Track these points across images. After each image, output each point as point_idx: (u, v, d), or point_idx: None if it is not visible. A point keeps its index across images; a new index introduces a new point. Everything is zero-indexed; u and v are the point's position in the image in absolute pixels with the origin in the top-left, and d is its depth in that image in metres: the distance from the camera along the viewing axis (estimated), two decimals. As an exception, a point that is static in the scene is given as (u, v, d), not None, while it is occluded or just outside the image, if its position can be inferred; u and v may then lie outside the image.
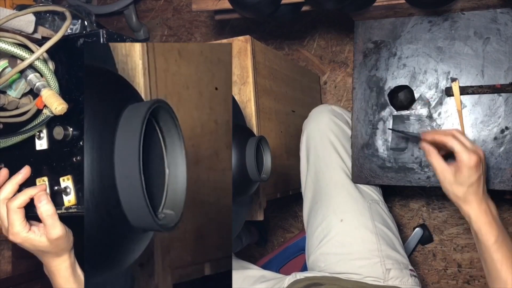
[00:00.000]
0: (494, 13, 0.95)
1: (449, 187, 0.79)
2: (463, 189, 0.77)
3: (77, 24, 1.32)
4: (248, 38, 1.08)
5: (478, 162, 0.76)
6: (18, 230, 0.63)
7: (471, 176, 0.76)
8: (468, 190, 0.77)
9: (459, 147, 0.77)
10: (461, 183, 0.77)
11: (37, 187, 0.63)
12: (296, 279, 0.97)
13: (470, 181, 0.76)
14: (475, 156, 0.76)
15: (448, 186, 0.80)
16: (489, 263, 0.76)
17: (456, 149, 0.77)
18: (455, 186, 0.78)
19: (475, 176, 0.76)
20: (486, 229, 0.76)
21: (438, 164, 0.80)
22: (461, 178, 0.77)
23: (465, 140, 0.79)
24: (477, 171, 0.76)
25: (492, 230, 0.75)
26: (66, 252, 0.66)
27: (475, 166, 0.76)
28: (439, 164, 0.80)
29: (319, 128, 1.10)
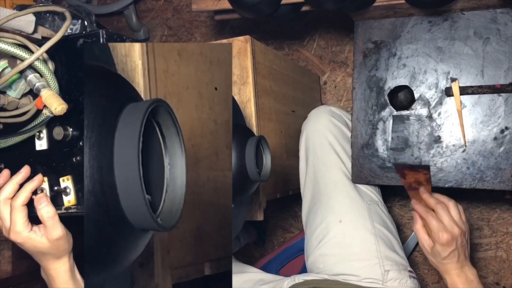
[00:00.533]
0: (494, 13, 0.95)
1: (427, 255, 0.88)
2: (438, 260, 0.86)
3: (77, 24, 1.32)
4: (248, 38, 1.08)
5: (450, 240, 0.83)
6: (20, 229, 0.63)
7: (444, 251, 0.84)
8: (442, 261, 0.85)
9: (435, 225, 0.84)
10: (434, 255, 0.86)
11: (35, 179, 0.63)
12: (295, 282, 0.97)
13: (443, 255, 0.84)
14: (447, 235, 0.83)
15: (426, 254, 0.88)
16: None
17: (431, 227, 0.85)
18: (431, 256, 0.87)
19: (447, 251, 0.84)
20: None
21: (419, 234, 0.88)
22: (435, 251, 0.85)
23: (445, 216, 0.85)
24: (449, 247, 0.83)
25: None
26: (65, 254, 0.66)
27: (446, 244, 0.83)
28: (420, 234, 0.87)
29: (318, 129, 1.10)
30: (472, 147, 0.96)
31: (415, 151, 1.00)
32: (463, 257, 0.85)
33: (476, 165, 0.96)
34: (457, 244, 0.84)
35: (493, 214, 1.46)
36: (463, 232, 0.85)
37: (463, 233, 0.85)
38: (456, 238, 0.84)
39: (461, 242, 0.84)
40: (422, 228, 0.88)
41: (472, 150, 0.96)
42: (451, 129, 0.98)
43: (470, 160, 0.96)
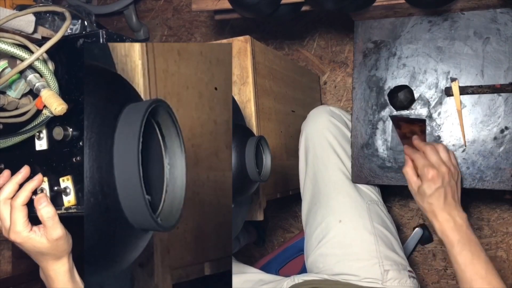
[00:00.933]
0: (494, 13, 0.95)
1: (414, 197, 0.88)
2: (424, 200, 0.84)
3: (77, 24, 1.32)
4: (248, 38, 1.08)
5: (435, 176, 0.83)
6: (20, 229, 0.63)
7: (429, 188, 0.83)
8: (428, 201, 0.83)
9: (420, 162, 0.85)
10: (421, 194, 0.85)
11: (35, 178, 0.64)
12: (295, 283, 0.97)
13: (428, 193, 0.83)
14: (433, 170, 0.83)
15: (414, 196, 0.88)
16: (456, 268, 0.81)
17: (417, 164, 0.86)
18: (418, 197, 0.86)
19: (432, 188, 0.83)
20: (447, 235, 0.81)
21: (408, 175, 0.88)
22: (421, 189, 0.84)
23: (433, 155, 0.85)
24: (434, 184, 0.83)
25: (454, 235, 0.81)
26: (65, 255, 0.66)
27: (431, 180, 0.83)
28: (409, 175, 0.88)
29: (317, 129, 1.10)
30: (472, 147, 0.96)
31: (415, 151, 1.00)
32: (451, 200, 0.83)
33: (476, 165, 0.96)
34: (443, 182, 0.83)
35: (493, 214, 1.46)
36: (451, 172, 0.84)
37: (451, 173, 0.84)
38: (442, 176, 0.83)
39: (448, 181, 0.83)
40: (411, 169, 0.87)
41: (472, 150, 0.96)
42: (451, 129, 0.98)
43: (470, 160, 0.96)
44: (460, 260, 0.79)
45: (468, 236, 0.81)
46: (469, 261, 0.78)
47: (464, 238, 0.80)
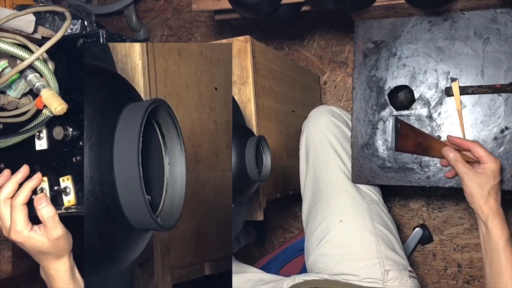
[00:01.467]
0: (494, 13, 0.95)
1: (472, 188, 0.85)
2: (485, 190, 0.84)
3: (77, 24, 1.32)
4: (248, 38, 1.08)
5: (500, 167, 0.85)
6: (21, 229, 0.63)
7: (495, 178, 0.84)
8: (490, 192, 0.84)
9: (485, 152, 0.86)
10: (483, 184, 0.84)
11: (34, 177, 0.64)
12: (295, 282, 0.97)
13: (492, 184, 0.84)
14: (499, 161, 0.85)
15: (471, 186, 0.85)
16: (495, 261, 0.81)
17: (481, 153, 0.85)
18: (478, 187, 0.84)
19: (497, 179, 0.84)
20: (500, 229, 0.82)
21: (463, 168, 0.86)
22: (485, 179, 0.84)
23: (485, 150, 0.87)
24: (499, 176, 0.85)
25: (505, 231, 0.82)
26: (66, 254, 0.66)
27: (498, 170, 0.85)
28: (465, 166, 0.87)
29: (318, 129, 1.10)
30: (472, 147, 0.96)
31: (415, 151, 1.00)
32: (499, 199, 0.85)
33: (476, 165, 0.96)
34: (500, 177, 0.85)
35: (493, 214, 1.46)
36: None
37: None
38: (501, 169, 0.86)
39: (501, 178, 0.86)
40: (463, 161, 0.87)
41: (472, 150, 0.96)
42: (451, 129, 0.98)
43: (470, 160, 0.96)
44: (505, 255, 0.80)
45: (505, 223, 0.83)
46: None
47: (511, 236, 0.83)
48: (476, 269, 1.48)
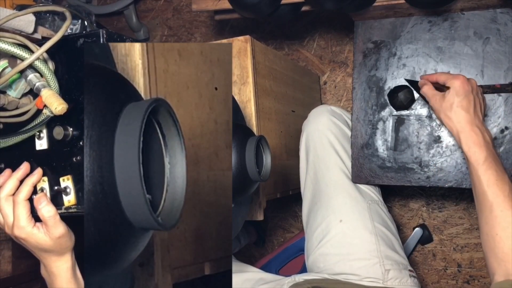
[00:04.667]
0: (494, 13, 0.95)
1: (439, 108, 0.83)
2: (453, 108, 0.80)
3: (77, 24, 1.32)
4: (248, 38, 1.08)
5: (464, 80, 0.80)
6: (24, 224, 0.63)
7: (459, 92, 0.80)
8: (458, 106, 0.80)
9: (444, 75, 0.85)
10: (449, 101, 0.81)
11: (35, 173, 0.64)
12: (296, 282, 0.97)
13: (459, 97, 0.80)
14: (461, 76, 0.81)
15: (439, 108, 0.83)
16: (477, 185, 0.76)
17: (443, 77, 0.84)
18: (444, 105, 0.81)
19: (461, 92, 0.80)
20: (475, 149, 0.76)
21: (430, 92, 0.86)
22: (448, 97, 0.81)
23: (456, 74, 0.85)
24: (463, 88, 0.80)
25: (482, 151, 0.76)
26: (68, 252, 0.66)
27: (461, 84, 0.80)
28: (431, 92, 0.86)
29: (318, 129, 1.10)
30: (472, 147, 0.96)
31: (415, 151, 1.00)
32: (479, 113, 0.80)
33: (476, 165, 0.95)
34: (472, 90, 0.80)
35: (493, 214, 1.46)
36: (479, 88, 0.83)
37: (479, 89, 0.83)
38: (471, 83, 0.81)
39: (476, 91, 0.81)
40: (431, 87, 0.86)
41: (472, 150, 0.96)
42: (451, 129, 0.98)
43: (470, 160, 0.96)
44: (485, 179, 0.74)
45: (494, 155, 0.76)
46: (493, 180, 0.74)
47: (491, 156, 0.76)
48: (476, 269, 1.48)
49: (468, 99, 0.80)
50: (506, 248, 0.70)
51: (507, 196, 0.72)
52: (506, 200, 0.72)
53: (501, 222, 0.71)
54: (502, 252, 0.70)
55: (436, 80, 0.88)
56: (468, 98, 0.80)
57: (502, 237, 0.71)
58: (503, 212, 0.71)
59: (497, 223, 0.71)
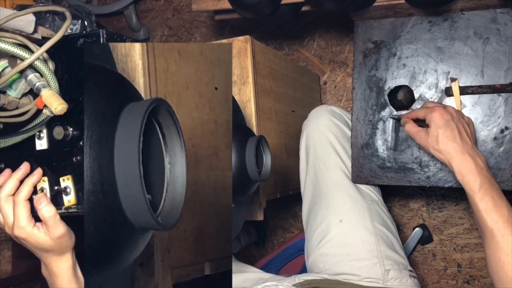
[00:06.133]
0: (494, 13, 0.95)
1: (427, 144, 0.83)
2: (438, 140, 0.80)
3: (77, 24, 1.32)
4: (248, 38, 1.08)
5: (441, 111, 0.81)
6: (24, 224, 0.63)
7: (440, 124, 0.80)
8: (443, 137, 0.79)
9: (423, 109, 0.85)
10: (433, 135, 0.81)
11: (35, 173, 0.64)
12: (296, 282, 0.97)
13: (441, 129, 0.80)
14: (437, 108, 0.81)
15: (426, 144, 0.83)
16: (476, 212, 0.75)
17: (420, 115, 0.85)
18: (430, 141, 0.81)
19: (442, 123, 0.80)
20: (468, 178, 0.76)
21: (412, 130, 0.86)
22: (431, 131, 0.81)
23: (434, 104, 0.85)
24: (443, 117, 0.80)
25: (475, 179, 0.75)
26: (68, 251, 0.66)
27: (439, 115, 0.80)
28: (413, 129, 0.86)
29: (318, 129, 1.10)
30: (472, 147, 0.96)
31: (415, 151, 1.00)
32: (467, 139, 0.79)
33: (476, 165, 0.96)
34: (453, 118, 0.80)
35: (493, 214, 1.46)
36: (458, 112, 0.82)
37: (459, 113, 0.82)
38: (449, 112, 0.80)
39: (457, 118, 0.80)
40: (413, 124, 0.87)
41: (472, 150, 0.96)
42: (451, 129, 0.98)
43: (470, 160, 0.96)
44: (482, 206, 0.73)
45: (490, 180, 0.75)
46: (491, 207, 0.73)
47: (486, 183, 0.75)
48: (476, 269, 1.48)
49: (451, 128, 0.79)
50: (510, 272, 0.71)
51: (507, 221, 0.72)
52: (506, 225, 0.72)
53: (503, 248, 0.71)
54: (506, 276, 0.71)
55: (416, 117, 0.88)
56: (450, 127, 0.79)
57: (505, 261, 0.71)
58: (504, 237, 0.71)
59: (499, 248, 0.72)
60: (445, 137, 0.79)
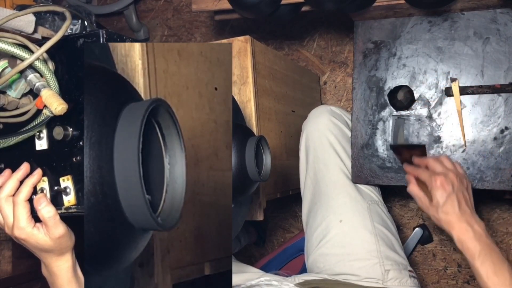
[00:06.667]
0: (494, 13, 0.95)
1: (428, 211, 0.85)
2: (439, 210, 0.81)
3: (77, 24, 1.32)
4: (248, 38, 1.08)
5: (443, 181, 0.81)
6: (24, 225, 0.63)
7: (441, 197, 0.81)
8: (443, 209, 0.81)
9: (426, 174, 0.84)
10: (435, 205, 0.82)
11: (35, 173, 0.64)
12: (296, 282, 0.97)
13: (442, 201, 0.81)
14: (439, 177, 0.81)
15: (427, 211, 0.85)
16: (478, 279, 0.77)
17: (422, 178, 0.85)
18: (431, 209, 0.83)
19: (444, 196, 0.81)
20: (467, 245, 0.78)
21: (415, 192, 0.86)
22: (434, 201, 0.82)
23: (437, 165, 0.84)
24: (445, 190, 0.81)
25: (475, 246, 0.77)
26: (68, 251, 0.66)
27: (441, 186, 0.81)
28: (416, 192, 0.86)
29: (318, 129, 1.10)
30: (472, 147, 0.96)
31: (415, 151, 1.00)
32: (466, 207, 0.80)
33: (476, 165, 0.96)
34: (453, 188, 0.80)
35: (493, 214, 1.46)
36: (459, 178, 0.82)
37: (459, 179, 0.82)
38: (451, 181, 0.81)
39: (458, 187, 0.81)
40: (415, 186, 0.86)
41: (472, 150, 0.96)
42: (451, 129, 0.98)
43: (470, 160, 0.96)
44: (483, 271, 0.75)
45: (489, 246, 0.77)
46: (492, 272, 0.75)
47: (485, 249, 0.77)
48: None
49: (451, 200, 0.80)
50: None
51: (509, 285, 0.73)
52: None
53: None
54: None
55: (418, 176, 0.87)
56: (451, 199, 0.80)
57: None
58: None
59: None
60: (445, 209, 0.81)
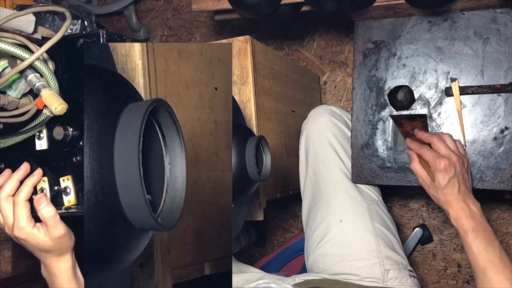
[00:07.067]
0: (494, 13, 0.95)
1: (428, 190, 0.88)
2: (439, 191, 0.85)
3: (77, 24, 1.32)
4: (248, 38, 1.08)
5: (447, 166, 0.83)
6: (24, 225, 0.63)
7: (443, 179, 0.83)
8: (443, 192, 0.84)
9: (430, 155, 0.85)
10: (435, 187, 0.85)
11: (35, 173, 0.64)
12: (296, 282, 0.97)
13: (443, 184, 0.84)
14: (444, 160, 0.83)
15: (427, 189, 0.88)
16: (469, 255, 0.81)
17: (426, 158, 0.86)
18: (432, 190, 0.87)
19: (446, 178, 0.83)
20: (462, 223, 0.82)
21: (417, 170, 0.89)
22: (436, 182, 0.85)
23: (441, 146, 0.86)
24: (448, 174, 0.83)
25: (469, 223, 0.81)
26: (68, 252, 0.66)
27: (444, 170, 0.83)
28: (418, 170, 0.88)
29: (318, 129, 1.10)
30: (472, 147, 0.96)
31: (415, 151, 1.00)
32: (464, 188, 0.84)
33: (476, 165, 0.96)
34: (455, 171, 0.84)
35: (493, 214, 1.46)
36: (461, 160, 0.85)
37: (461, 161, 0.85)
38: (454, 164, 0.84)
39: (460, 170, 0.84)
40: (418, 164, 0.88)
41: (472, 150, 0.96)
42: (451, 129, 0.98)
43: (470, 160, 0.96)
44: (474, 247, 0.79)
45: (482, 224, 0.81)
46: (483, 248, 0.78)
47: (478, 226, 0.80)
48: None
49: (453, 182, 0.84)
50: None
51: (499, 260, 0.77)
52: (497, 264, 0.77)
53: (495, 285, 0.76)
54: None
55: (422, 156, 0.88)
56: (452, 181, 0.84)
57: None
58: (496, 275, 0.76)
59: (491, 285, 0.76)
60: (446, 190, 0.84)
